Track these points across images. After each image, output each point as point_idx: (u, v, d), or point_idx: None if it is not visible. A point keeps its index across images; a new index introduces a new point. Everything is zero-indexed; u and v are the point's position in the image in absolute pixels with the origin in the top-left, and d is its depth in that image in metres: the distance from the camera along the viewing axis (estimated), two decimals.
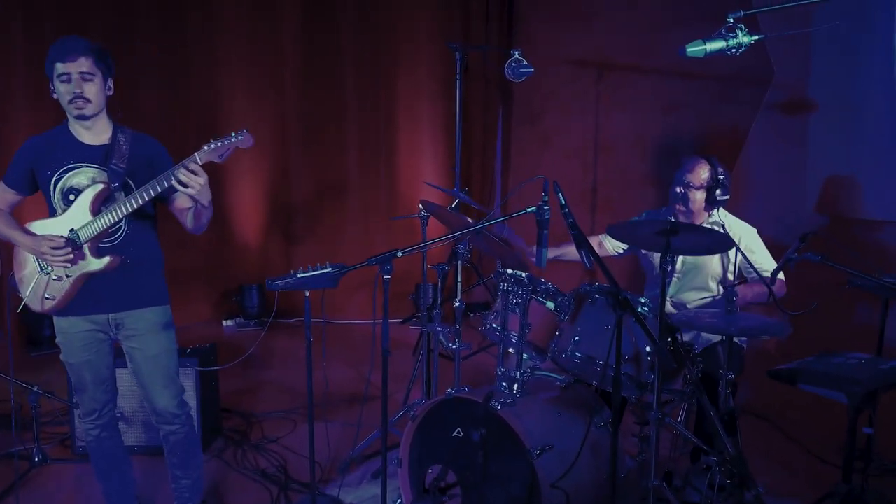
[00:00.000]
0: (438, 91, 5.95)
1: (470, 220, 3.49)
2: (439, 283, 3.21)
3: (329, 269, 2.79)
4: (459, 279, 3.13)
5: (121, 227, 2.60)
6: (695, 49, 2.32)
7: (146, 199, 2.47)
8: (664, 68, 4.82)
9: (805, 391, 2.69)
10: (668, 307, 3.30)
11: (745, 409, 4.04)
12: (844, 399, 2.55)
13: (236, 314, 6.08)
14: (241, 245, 6.17)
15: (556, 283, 2.89)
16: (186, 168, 2.34)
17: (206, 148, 2.35)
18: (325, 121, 6.09)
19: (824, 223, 3.87)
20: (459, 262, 3.11)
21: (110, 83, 2.59)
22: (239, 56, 5.90)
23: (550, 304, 2.69)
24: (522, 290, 2.67)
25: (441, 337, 3.13)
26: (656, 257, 2.80)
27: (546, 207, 2.60)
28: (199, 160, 2.35)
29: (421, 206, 3.33)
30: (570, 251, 3.37)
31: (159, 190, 2.44)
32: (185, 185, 2.36)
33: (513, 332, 2.75)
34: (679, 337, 2.72)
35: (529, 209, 2.66)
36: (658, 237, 2.50)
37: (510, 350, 2.81)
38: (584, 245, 2.54)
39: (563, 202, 2.58)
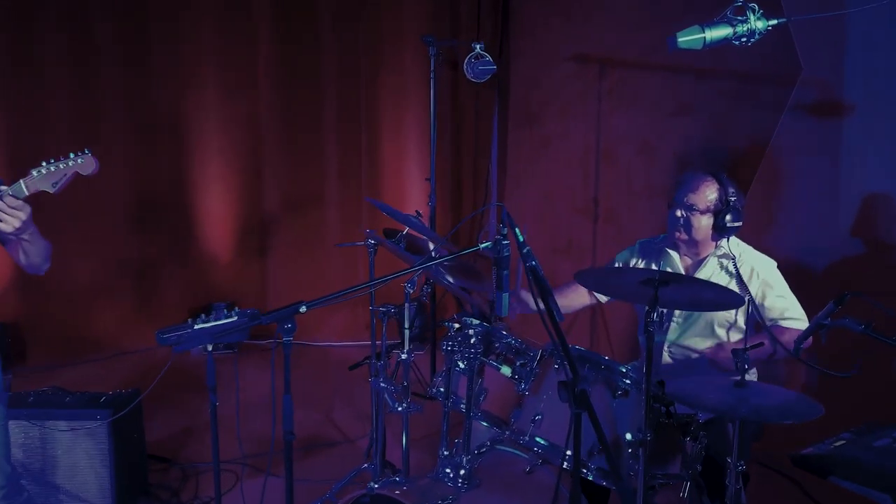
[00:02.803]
0: (426, 91, 5.35)
1: (442, 246, 2.91)
2: (384, 330, 2.64)
3: (236, 318, 2.25)
4: (406, 325, 2.54)
5: None
6: (689, 38, 1.71)
7: None
8: (673, 64, 4.19)
9: None
10: (665, 357, 2.70)
11: (756, 458, 3.40)
12: (889, 502, 1.93)
13: None
14: (210, 259, 5.63)
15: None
16: (2, 200, 1.79)
17: (34, 174, 1.80)
18: (303, 123, 5.52)
19: (860, 250, 3.22)
20: (407, 305, 2.52)
21: None
22: (208, 51, 5.33)
23: (506, 370, 2.09)
24: (471, 353, 2.08)
25: (386, 396, 2.55)
26: None
27: (505, 243, 2.02)
28: (25, 190, 1.80)
29: (366, 233, 2.77)
30: (572, 297, 2.77)
31: None
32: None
33: (461, 399, 2.16)
34: (674, 409, 2.12)
35: (483, 245, 2.10)
36: (643, 287, 1.91)
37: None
38: (547, 296, 1.95)
39: (522, 239, 2.00)
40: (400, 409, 2.51)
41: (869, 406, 2.80)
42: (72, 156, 1.88)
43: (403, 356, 2.56)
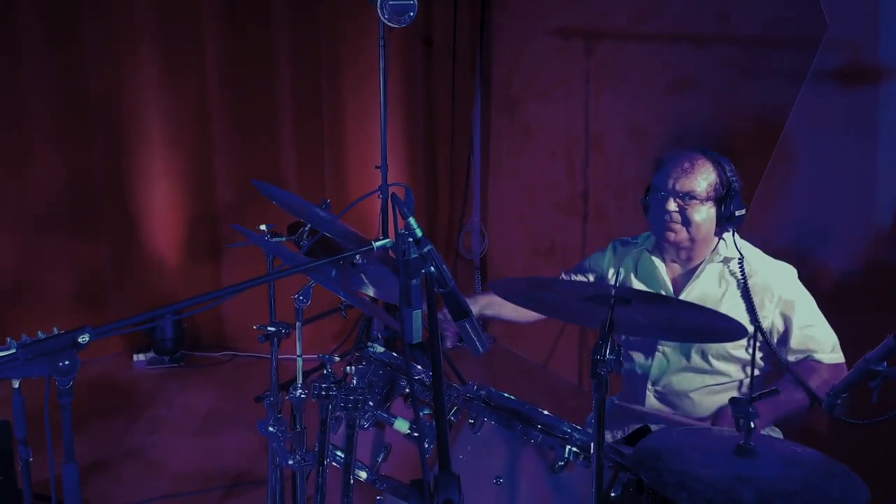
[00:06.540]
0: (396, 70, 4.73)
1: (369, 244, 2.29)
2: (274, 356, 2.02)
3: (14, 351, 1.67)
4: (299, 352, 1.92)
5: None
6: None
7: None
8: (668, 32, 3.56)
9: None
10: (651, 398, 2.05)
11: None
12: None
13: (148, 347, 4.95)
14: (155, 261, 5.02)
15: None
16: None
17: None
18: (256, 108, 4.89)
19: None
20: (299, 324, 1.90)
21: None
22: (148, 32, 4.70)
23: (401, 425, 1.47)
24: (350, 399, 1.45)
25: (274, 444, 1.92)
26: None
27: (411, 239, 1.40)
28: None
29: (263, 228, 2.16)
30: (496, 305, 2.13)
31: None
32: None
33: (337, 455, 1.54)
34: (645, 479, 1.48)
35: (379, 243, 1.49)
36: (594, 306, 1.27)
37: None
38: (462, 315, 1.33)
39: (420, 235, 1.37)
40: (291, 462, 1.89)
41: None
42: None
43: (298, 393, 1.93)
